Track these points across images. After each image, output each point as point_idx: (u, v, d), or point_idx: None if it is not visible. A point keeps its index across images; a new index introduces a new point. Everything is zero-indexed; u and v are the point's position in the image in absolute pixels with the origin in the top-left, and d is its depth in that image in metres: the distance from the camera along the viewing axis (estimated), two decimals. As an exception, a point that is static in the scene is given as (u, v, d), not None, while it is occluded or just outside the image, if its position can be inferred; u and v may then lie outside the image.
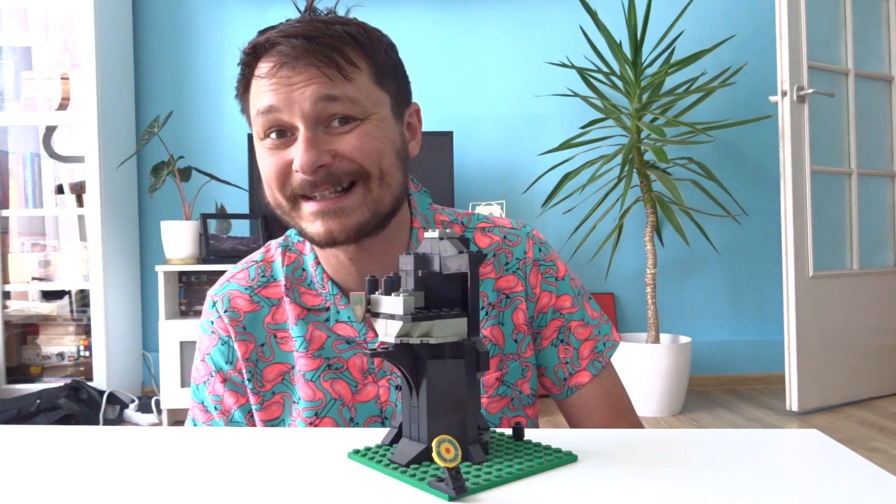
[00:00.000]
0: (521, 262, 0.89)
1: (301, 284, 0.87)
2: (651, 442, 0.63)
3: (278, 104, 0.76)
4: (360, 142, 0.77)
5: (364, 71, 0.78)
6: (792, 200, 2.82)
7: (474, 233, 0.91)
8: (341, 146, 0.77)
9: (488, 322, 0.87)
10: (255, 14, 3.33)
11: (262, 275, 0.89)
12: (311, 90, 0.76)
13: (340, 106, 0.76)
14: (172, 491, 0.53)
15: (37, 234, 3.17)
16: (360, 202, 0.78)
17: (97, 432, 0.71)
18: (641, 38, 2.98)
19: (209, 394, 0.90)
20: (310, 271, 0.88)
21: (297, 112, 0.76)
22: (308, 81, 0.76)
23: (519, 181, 3.32)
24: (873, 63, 3.22)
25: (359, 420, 0.84)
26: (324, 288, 0.86)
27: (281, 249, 0.90)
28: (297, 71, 0.76)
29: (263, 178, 0.81)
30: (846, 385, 2.98)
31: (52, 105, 3.01)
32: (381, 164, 0.78)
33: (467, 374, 0.58)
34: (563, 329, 0.90)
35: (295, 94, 0.76)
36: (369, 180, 0.78)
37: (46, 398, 2.73)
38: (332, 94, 0.76)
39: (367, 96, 0.78)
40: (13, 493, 0.53)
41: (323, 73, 0.76)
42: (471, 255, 0.58)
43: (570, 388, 0.90)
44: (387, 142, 0.80)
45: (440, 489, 0.50)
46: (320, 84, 0.76)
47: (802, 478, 0.56)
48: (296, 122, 0.76)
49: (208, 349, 0.90)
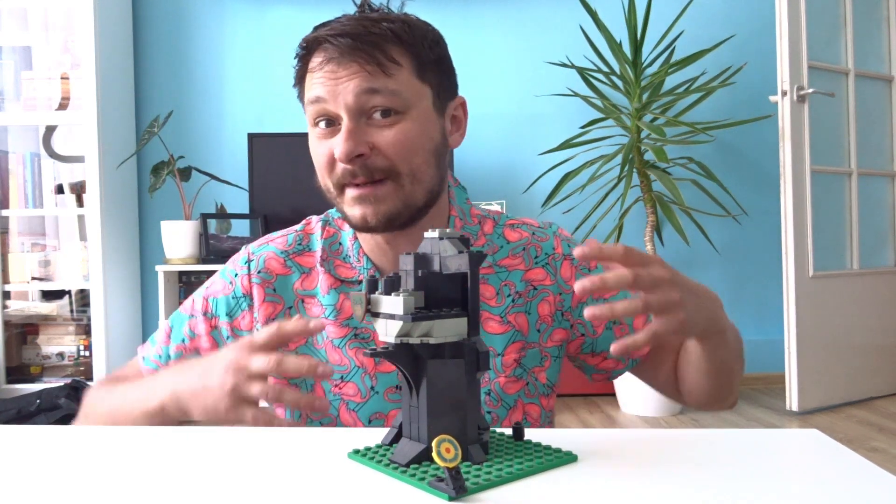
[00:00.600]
0: (549, 258, 0.94)
1: (337, 257, 0.93)
2: (651, 442, 0.63)
3: (325, 95, 0.82)
4: (396, 137, 0.82)
5: (405, 67, 0.83)
6: (792, 200, 2.82)
7: (504, 228, 0.95)
8: (379, 139, 0.82)
9: (514, 309, 0.90)
10: (255, 14, 3.32)
11: (299, 243, 0.94)
12: (353, 83, 0.81)
13: (381, 98, 0.81)
14: (172, 491, 0.53)
15: (37, 233, 3.17)
16: (392, 194, 0.83)
17: (97, 432, 0.71)
18: (641, 38, 2.97)
19: (187, 326, 0.94)
20: (346, 245, 0.93)
21: (342, 103, 0.81)
22: (351, 76, 0.81)
23: (519, 181, 3.32)
24: (873, 63, 3.22)
25: (379, 388, 0.88)
26: (359, 262, 0.91)
27: (321, 224, 0.95)
28: (342, 66, 0.82)
29: (315, 163, 0.87)
30: (846, 385, 2.98)
31: (52, 105, 3.00)
32: (412, 163, 0.83)
33: (467, 374, 0.58)
34: None
35: (340, 87, 0.82)
36: (399, 177, 0.83)
37: (46, 398, 2.73)
38: (373, 87, 0.81)
39: (408, 89, 0.83)
40: (13, 493, 0.53)
41: (372, 60, 0.81)
42: (471, 255, 0.58)
43: (635, 360, 0.94)
44: (424, 137, 0.85)
45: (440, 489, 0.50)
46: (362, 78, 0.81)
47: (802, 478, 0.56)
48: (340, 112, 0.82)
49: (216, 293, 0.94)
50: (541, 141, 3.30)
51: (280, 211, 3.08)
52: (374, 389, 0.88)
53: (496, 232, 0.95)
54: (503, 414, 0.88)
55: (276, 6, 3.30)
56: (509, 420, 0.88)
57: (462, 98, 0.92)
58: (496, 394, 0.87)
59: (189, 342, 0.93)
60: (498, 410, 0.87)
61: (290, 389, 0.73)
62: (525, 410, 0.89)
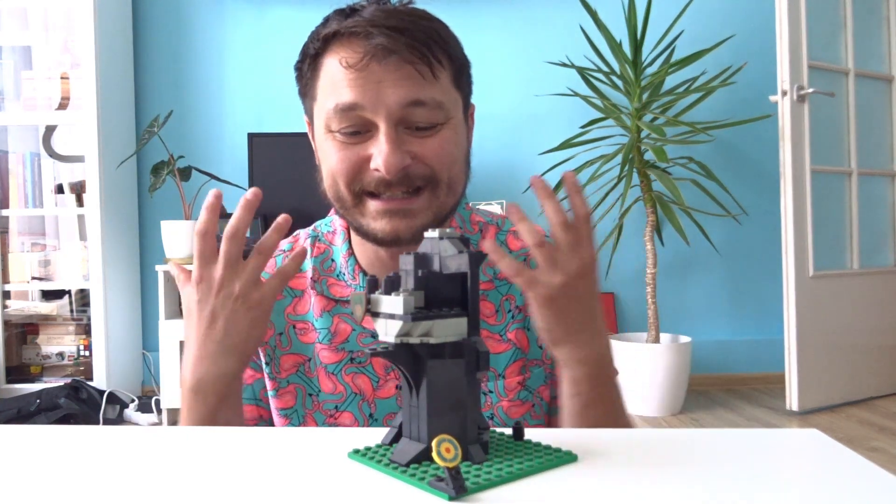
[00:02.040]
0: None
1: (330, 276, 0.86)
2: (651, 442, 0.63)
3: (364, 102, 0.73)
4: (440, 147, 0.76)
5: (447, 70, 0.77)
6: (792, 200, 2.82)
7: (507, 235, 0.89)
8: (422, 150, 0.76)
9: (514, 325, 0.85)
10: (255, 14, 3.33)
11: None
12: (401, 92, 0.73)
13: (427, 112, 0.75)
14: (172, 491, 0.53)
15: (37, 233, 3.17)
16: (427, 206, 0.77)
17: (97, 432, 0.71)
18: (641, 38, 2.97)
19: None
20: (340, 262, 0.86)
21: (383, 112, 0.74)
22: (398, 82, 0.73)
23: (519, 181, 3.32)
24: (873, 63, 3.22)
25: (378, 416, 0.83)
26: (354, 280, 0.85)
27: (310, 240, 0.89)
28: (386, 67, 0.73)
29: (329, 170, 0.78)
30: (846, 385, 2.98)
31: (51, 105, 3.01)
32: (451, 172, 0.78)
33: (467, 374, 0.58)
34: None
35: (384, 94, 0.73)
36: (437, 187, 0.77)
37: (46, 398, 2.73)
38: (420, 99, 0.74)
39: (448, 97, 0.77)
40: (13, 493, 0.53)
41: (416, 72, 0.73)
42: (471, 254, 0.58)
43: (554, 408, 0.88)
44: (460, 147, 0.80)
45: (440, 489, 0.50)
46: (410, 87, 0.73)
47: (802, 478, 0.56)
48: (378, 121, 0.74)
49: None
50: (541, 141, 3.30)
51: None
52: (373, 417, 0.83)
53: (498, 239, 0.89)
54: None
55: (276, 6, 3.30)
56: None
57: (474, 105, 0.87)
58: (500, 419, 0.83)
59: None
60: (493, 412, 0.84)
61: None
62: None
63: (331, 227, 0.90)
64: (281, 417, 0.86)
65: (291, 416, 0.85)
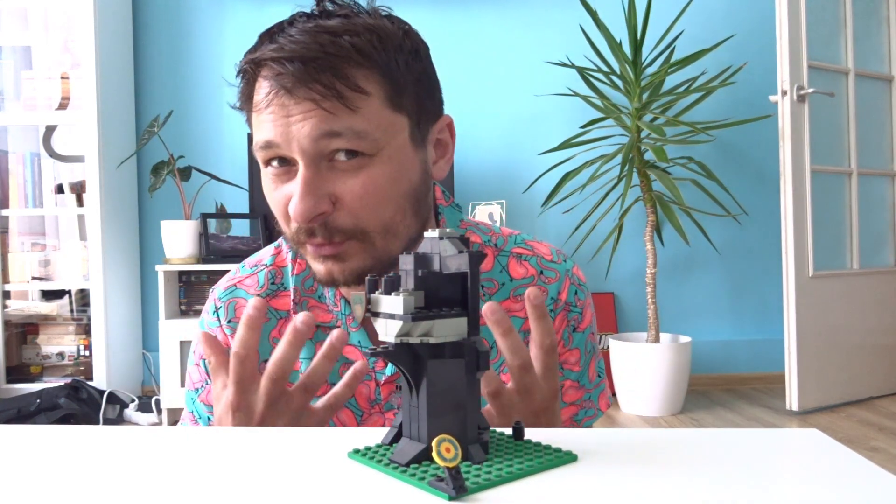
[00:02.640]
0: (554, 305, 0.84)
1: (311, 297, 0.82)
2: (651, 442, 0.63)
3: (277, 139, 0.69)
4: (364, 188, 0.69)
5: (374, 95, 0.69)
6: (792, 200, 2.82)
7: (509, 258, 0.84)
8: (343, 190, 0.69)
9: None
10: (255, 14, 3.33)
11: (272, 282, 0.83)
12: (309, 126, 0.68)
13: (344, 141, 0.68)
14: (172, 491, 0.53)
15: (37, 233, 3.17)
16: (360, 251, 0.72)
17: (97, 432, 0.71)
18: (641, 38, 2.98)
19: (201, 402, 0.85)
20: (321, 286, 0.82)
21: (296, 148, 0.69)
22: (306, 114, 0.68)
23: (519, 181, 3.32)
24: (873, 63, 3.22)
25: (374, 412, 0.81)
26: (336, 306, 0.80)
27: (292, 256, 0.84)
28: (294, 100, 0.68)
29: (269, 204, 0.76)
30: (846, 385, 2.98)
31: (51, 105, 3.01)
32: (382, 217, 0.71)
33: (467, 374, 0.58)
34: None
35: (293, 129, 0.68)
36: (367, 236, 0.71)
37: (46, 398, 2.73)
38: (333, 130, 0.67)
39: (378, 126, 0.69)
40: (13, 493, 0.53)
41: (330, 93, 0.67)
42: (471, 254, 0.58)
43: None
44: (399, 182, 0.71)
45: (440, 489, 0.50)
46: (320, 118, 0.67)
47: (802, 478, 0.56)
48: (295, 157, 0.69)
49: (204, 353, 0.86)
50: (541, 141, 3.31)
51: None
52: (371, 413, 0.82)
53: (499, 264, 0.83)
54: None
55: (276, 6, 3.30)
56: None
57: (448, 117, 0.79)
58: None
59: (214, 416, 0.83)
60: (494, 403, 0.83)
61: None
62: None
63: None
64: None
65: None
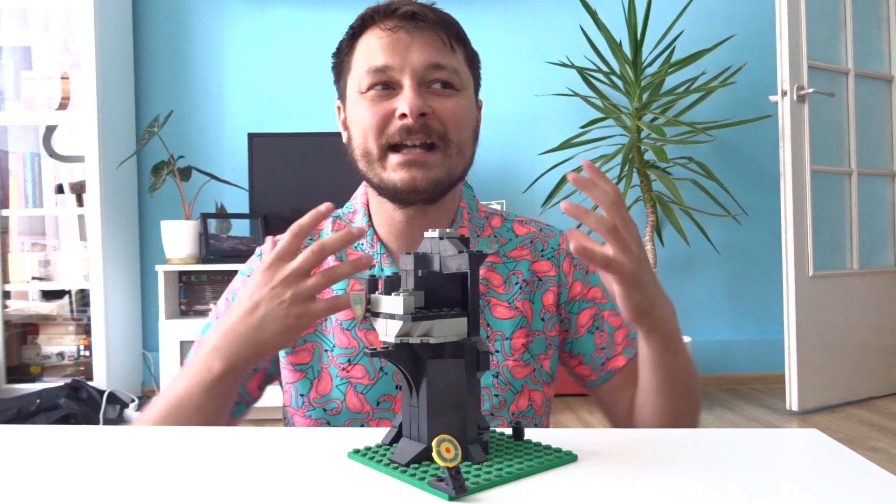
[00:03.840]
0: (555, 252, 0.96)
1: (348, 247, 0.92)
2: (651, 442, 0.63)
3: (393, 63, 0.85)
4: (454, 108, 0.87)
5: (461, 52, 0.90)
6: (792, 200, 2.82)
7: (513, 223, 0.98)
8: (439, 106, 0.86)
9: (521, 296, 0.93)
10: (255, 14, 3.33)
11: (310, 239, 0.94)
12: (425, 55, 0.86)
13: (446, 74, 0.86)
14: (172, 491, 0.53)
15: (37, 233, 3.17)
16: (440, 162, 0.86)
17: (97, 432, 0.71)
18: (641, 38, 2.98)
19: None
20: None
21: (408, 71, 0.85)
22: (423, 47, 0.86)
23: (519, 181, 3.32)
24: (873, 63, 3.22)
25: (388, 370, 0.88)
26: (372, 247, 0.92)
27: (332, 220, 0.97)
28: (412, 35, 0.86)
29: (359, 127, 0.87)
30: (846, 385, 2.98)
31: (52, 105, 3.01)
32: (461, 135, 0.88)
33: (467, 374, 0.58)
34: (597, 317, 0.95)
35: (410, 57, 0.85)
36: (449, 147, 0.86)
37: (46, 398, 2.73)
38: (440, 63, 0.86)
39: (464, 72, 0.89)
40: (13, 493, 0.53)
41: (438, 38, 0.86)
42: (471, 254, 0.58)
43: (608, 372, 0.94)
44: (471, 116, 0.90)
45: (440, 489, 0.50)
46: (433, 52, 0.86)
47: (802, 478, 0.56)
48: (404, 80, 0.85)
49: (236, 290, 0.94)
50: (541, 141, 3.31)
51: (280, 211, 3.08)
52: (384, 371, 0.88)
53: (505, 226, 0.98)
54: (510, 398, 0.89)
55: (276, 6, 3.30)
56: (516, 405, 0.89)
57: (481, 100, 0.96)
58: (504, 377, 0.89)
59: None
60: (506, 394, 0.89)
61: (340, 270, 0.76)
62: (531, 396, 0.91)
63: (351, 208, 0.97)
64: (295, 372, 0.90)
65: (307, 371, 0.89)
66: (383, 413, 0.87)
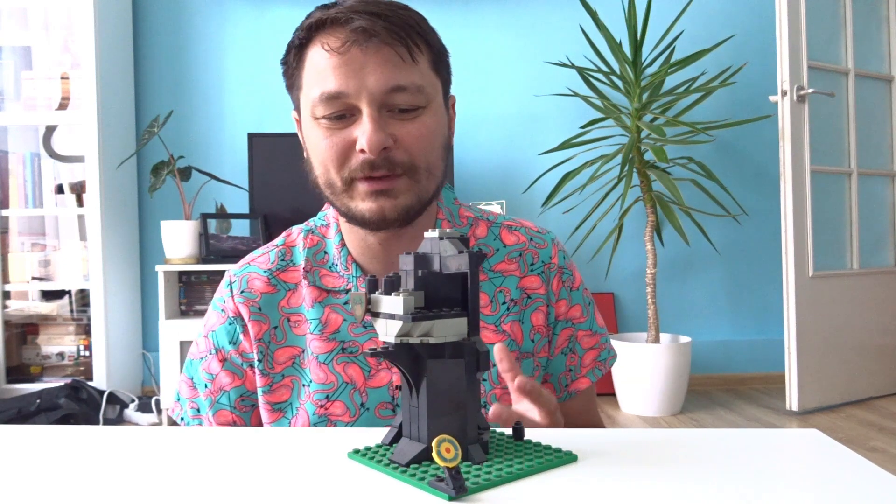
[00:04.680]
0: (546, 267, 0.91)
1: (322, 267, 0.88)
2: (651, 442, 0.63)
3: (347, 89, 0.78)
4: (419, 132, 0.80)
5: (425, 55, 0.81)
6: (792, 200, 2.82)
7: (501, 229, 0.92)
8: (402, 133, 0.79)
9: (509, 318, 0.88)
10: (255, 14, 3.33)
11: (281, 258, 0.90)
12: (383, 78, 0.77)
13: (408, 96, 0.79)
14: (172, 491, 0.53)
15: (37, 233, 3.17)
16: (408, 188, 0.81)
17: (97, 432, 0.71)
18: (641, 38, 2.98)
19: (202, 370, 0.89)
20: (332, 254, 0.89)
21: (366, 97, 0.78)
22: (379, 66, 0.77)
23: (519, 181, 3.32)
24: (873, 63, 3.22)
25: (369, 405, 0.84)
26: (347, 270, 0.87)
27: (304, 234, 0.91)
28: (367, 52, 0.77)
29: (319, 157, 0.82)
30: (846, 385, 2.98)
31: (52, 105, 3.01)
32: (429, 158, 0.82)
33: (467, 374, 0.58)
34: (573, 338, 0.92)
35: (366, 80, 0.77)
36: (417, 173, 0.81)
37: (46, 398, 2.73)
38: (401, 85, 0.78)
39: (428, 82, 0.81)
40: (13, 493, 0.53)
41: (395, 53, 0.78)
42: (471, 254, 0.58)
43: (569, 393, 0.93)
44: (439, 132, 0.84)
45: (440, 489, 0.50)
46: (391, 71, 0.78)
47: (802, 478, 0.56)
48: (362, 106, 0.78)
49: (213, 326, 0.90)
50: (541, 141, 3.31)
51: (280, 211, 3.08)
52: (365, 406, 0.84)
53: (492, 233, 0.92)
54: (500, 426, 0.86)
55: (276, 6, 3.30)
56: None
57: (454, 96, 0.90)
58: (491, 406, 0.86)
59: (212, 385, 0.89)
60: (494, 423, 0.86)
61: None
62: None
63: (324, 220, 0.92)
64: (273, 412, 0.86)
65: (286, 410, 0.86)
66: None
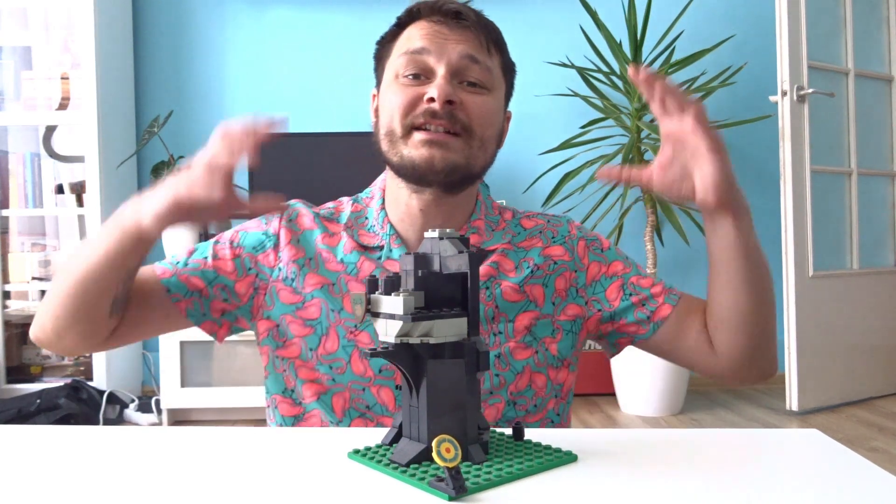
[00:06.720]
0: (566, 238, 0.99)
1: (361, 228, 0.97)
2: (651, 442, 0.63)
3: (429, 47, 0.89)
4: (481, 105, 0.90)
5: (498, 59, 0.94)
6: (792, 200, 2.82)
7: (521, 218, 1.01)
8: (468, 101, 0.89)
9: (532, 280, 0.94)
10: (255, 14, 3.32)
11: (330, 213, 0.99)
12: (461, 47, 0.89)
13: (479, 70, 0.90)
14: (172, 491, 0.53)
15: (37, 233, 3.17)
16: (461, 148, 0.88)
17: (97, 432, 0.71)
18: (641, 38, 2.97)
19: (211, 249, 0.95)
20: (372, 218, 0.97)
21: (444, 59, 0.88)
22: (460, 41, 0.90)
23: (519, 181, 3.32)
24: (873, 63, 3.22)
25: None
26: (382, 228, 0.95)
27: (351, 202, 1.00)
28: (453, 29, 0.90)
29: (387, 108, 0.90)
30: (846, 385, 2.98)
31: (52, 105, 3.00)
32: (485, 131, 0.90)
33: (467, 374, 0.58)
34: (626, 285, 0.96)
35: (447, 46, 0.89)
36: (472, 138, 0.89)
37: (46, 398, 2.73)
38: (476, 57, 0.89)
39: (496, 75, 0.93)
40: (13, 493, 0.53)
41: (477, 38, 0.90)
42: (471, 255, 0.58)
43: (656, 323, 0.95)
44: (496, 120, 0.93)
45: (440, 489, 0.50)
46: (469, 45, 0.90)
47: (802, 478, 0.56)
48: (438, 68, 0.88)
49: (248, 227, 0.98)
50: (541, 141, 3.30)
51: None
52: None
53: (514, 220, 1.00)
54: (510, 378, 0.90)
55: (276, 6, 3.30)
56: (515, 385, 0.90)
57: (510, 112, 0.99)
58: (505, 358, 0.90)
59: (211, 261, 0.94)
60: (506, 374, 0.90)
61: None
62: (531, 378, 0.91)
63: (369, 193, 1.00)
64: (305, 327, 0.92)
65: (316, 327, 0.91)
66: (384, 381, 0.88)
